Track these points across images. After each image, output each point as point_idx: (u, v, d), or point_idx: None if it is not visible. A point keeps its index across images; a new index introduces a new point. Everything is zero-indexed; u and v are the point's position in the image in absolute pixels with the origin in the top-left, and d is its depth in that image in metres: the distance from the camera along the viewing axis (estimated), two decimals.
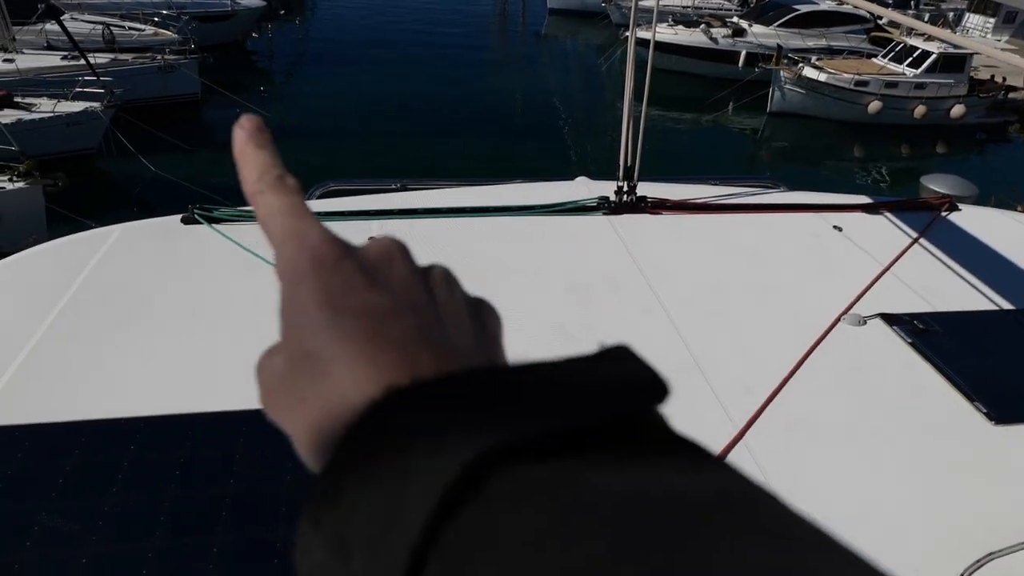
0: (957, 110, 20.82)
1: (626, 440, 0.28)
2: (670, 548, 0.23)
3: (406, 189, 3.61)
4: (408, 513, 0.26)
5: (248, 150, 0.42)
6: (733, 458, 1.91)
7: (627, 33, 3.55)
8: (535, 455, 0.27)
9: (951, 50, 20.10)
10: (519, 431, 0.27)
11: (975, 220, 3.55)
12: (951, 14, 31.69)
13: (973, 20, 31.18)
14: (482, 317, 0.41)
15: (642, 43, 3.85)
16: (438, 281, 0.40)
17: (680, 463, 0.28)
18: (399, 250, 0.40)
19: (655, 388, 0.31)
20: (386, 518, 0.26)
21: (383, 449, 0.28)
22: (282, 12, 29.67)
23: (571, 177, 3.89)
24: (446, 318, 0.38)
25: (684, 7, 28.86)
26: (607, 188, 3.44)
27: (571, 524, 0.24)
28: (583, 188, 3.57)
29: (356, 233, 2.95)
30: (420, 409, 0.30)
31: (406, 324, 0.35)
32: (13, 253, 2.86)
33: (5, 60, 15.97)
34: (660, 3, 4.53)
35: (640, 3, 3.71)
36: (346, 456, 0.29)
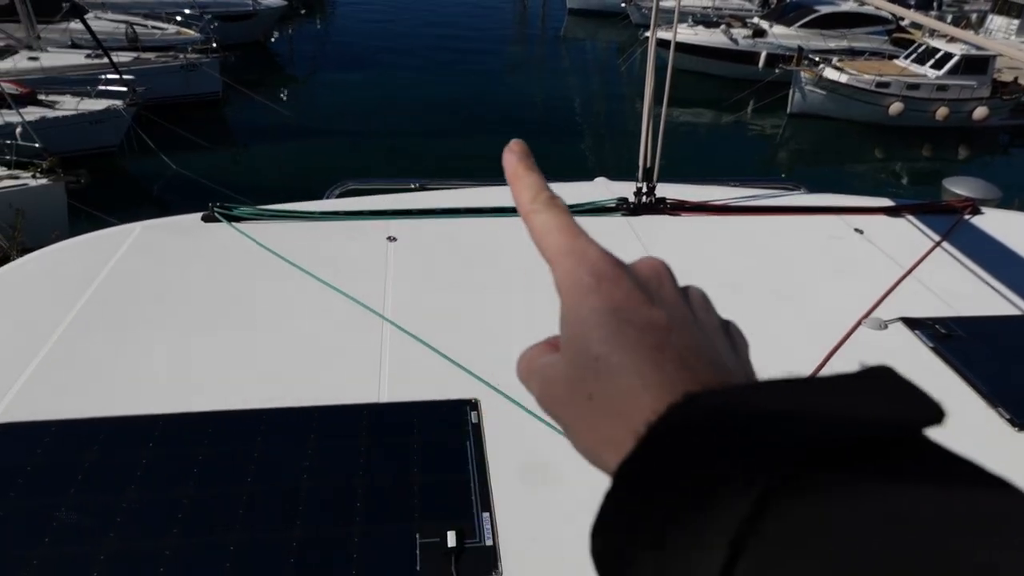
0: (980, 112, 20.61)
1: (912, 454, 0.29)
2: (987, 552, 0.24)
3: (424, 189, 3.61)
4: (723, 512, 0.27)
5: (520, 172, 0.47)
6: None
7: (647, 33, 3.53)
8: (831, 464, 0.28)
9: (974, 52, 19.90)
10: (821, 440, 0.29)
11: (998, 223, 3.51)
12: (974, 15, 31.40)
13: (996, 22, 30.85)
14: (731, 336, 0.44)
15: (662, 44, 3.84)
16: (698, 302, 0.44)
17: (965, 477, 0.29)
18: (666, 271, 0.44)
19: (929, 407, 0.32)
20: (700, 515, 0.28)
21: (687, 450, 0.30)
22: (303, 12, 29.82)
23: (590, 178, 3.88)
24: (710, 336, 0.41)
25: (704, 8, 28.75)
26: (626, 189, 3.43)
27: (877, 537, 0.25)
28: (602, 189, 3.56)
29: (374, 232, 2.96)
30: (717, 415, 0.31)
31: (684, 338, 0.38)
32: (35, 249, 2.89)
33: (30, 58, 16.15)
34: (680, 4, 4.51)
35: (660, 3, 3.70)
36: (652, 454, 0.32)
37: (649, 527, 0.30)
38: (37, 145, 11.64)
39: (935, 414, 0.31)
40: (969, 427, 2.15)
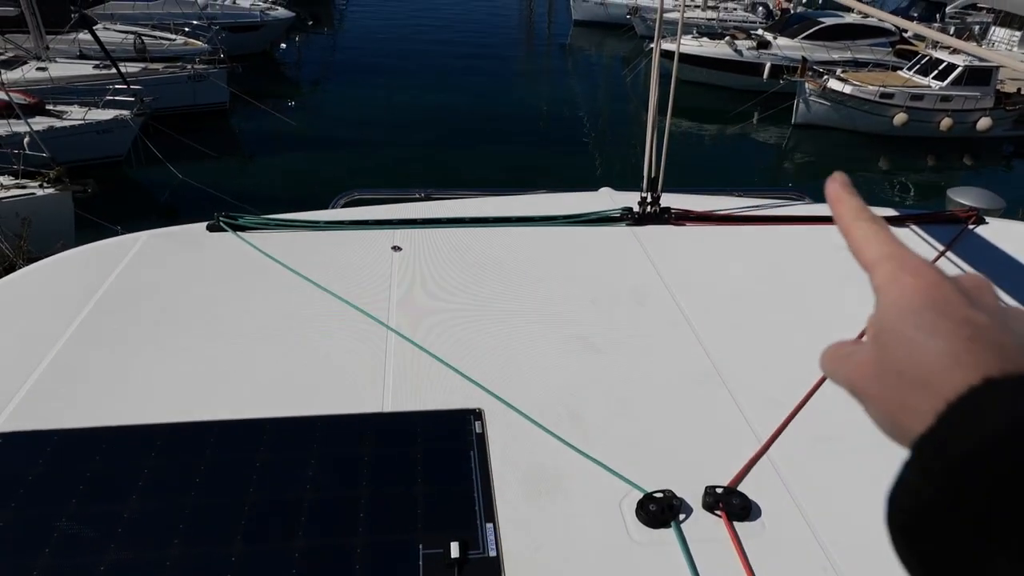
0: (983, 123, 20.62)
1: None
2: None
3: (430, 198, 3.62)
4: None
5: (844, 196, 0.54)
6: (757, 473, 1.89)
7: (652, 45, 3.54)
8: None
9: (977, 63, 19.93)
10: None
11: (1003, 233, 3.50)
12: (977, 27, 31.42)
13: (999, 33, 30.87)
14: None
15: (667, 55, 3.84)
16: (1021, 318, 0.46)
17: None
18: (987, 286, 0.48)
19: None
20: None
21: (999, 420, 0.34)
22: (310, 23, 29.94)
23: (595, 188, 3.88)
24: None
25: (709, 19, 28.83)
26: (631, 199, 3.43)
27: None
28: (607, 199, 3.56)
29: (380, 242, 2.97)
30: None
31: (1004, 337, 0.41)
32: (41, 258, 2.89)
33: (38, 68, 16.24)
34: (685, 15, 4.52)
35: (665, 15, 3.71)
36: (960, 422, 0.36)
37: (991, 518, 0.33)
38: (45, 155, 11.70)
39: None
40: None
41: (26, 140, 11.90)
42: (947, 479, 0.34)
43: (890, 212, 3.64)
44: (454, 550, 1.55)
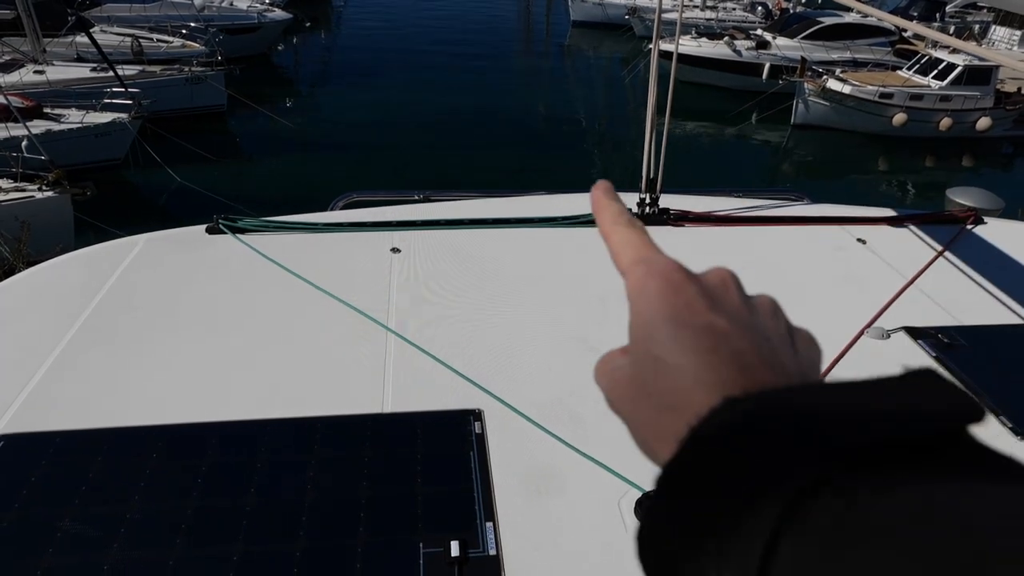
0: (983, 122, 20.63)
1: (958, 454, 0.30)
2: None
3: (429, 200, 3.62)
4: (766, 501, 0.29)
5: (604, 201, 0.52)
6: None
7: (650, 45, 3.54)
8: (876, 463, 0.29)
9: (977, 62, 19.93)
10: (861, 439, 0.30)
11: (1001, 233, 3.51)
12: (977, 27, 31.43)
13: (999, 32, 30.88)
14: (802, 344, 0.46)
15: (665, 55, 3.85)
16: (766, 308, 0.46)
17: (1012, 473, 0.30)
18: (732, 279, 0.47)
19: (971, 407, 0.33)
20: (743, 507, 0.29)
21: (735, 445, 0.32)
22: (308, 24, 29.95)
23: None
24: (773, 341, 0.42)
25: (708, 19, 28.85)
26: (629, 200, 3.44)
27: (928, 529, 0.26)
28: None
29: (379, 244, 2.97)
30: (765, 412, 0.33)
31: (743, 342, 0.40)
32: (41, 261, 2.90)
33: (36, 71, 16.24)
34: (683, 15, 4.53)
35: (663, 15, 3.71)
36: (701, 447, 0.33)
37: (688, 523, 0.31)
38: (43, 158, 11.69)
39: (975, 413, 0.33)
40: None
41: (24, 144, 11.89)
42: (678, 520, 0.32)
43: (889, 212, 3.65)
44: (454, 549, 1.56)
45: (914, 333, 2.60)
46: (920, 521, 0.26)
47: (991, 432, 2.16)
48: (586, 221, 3.31)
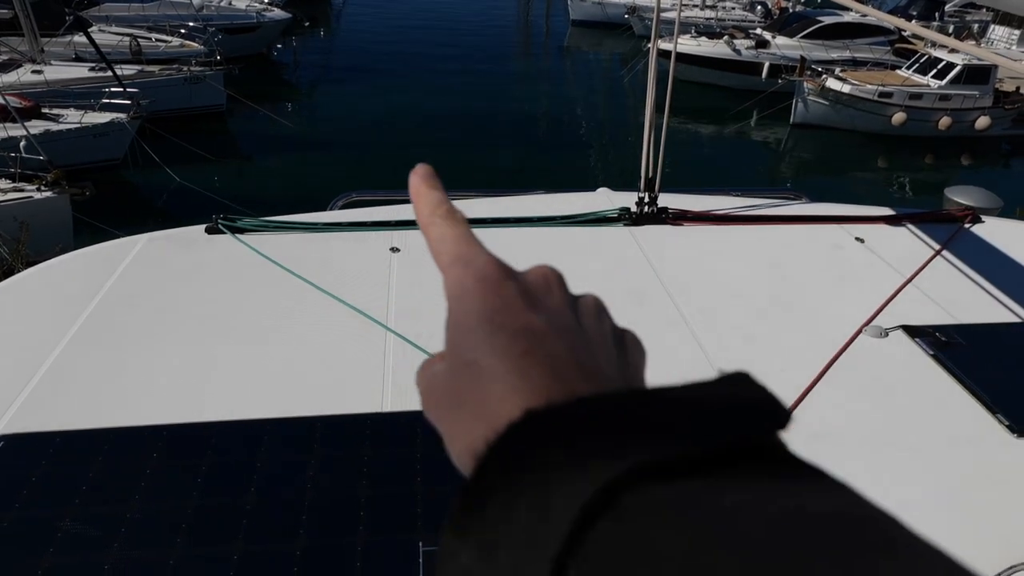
0: (982, 122, 20.63)
1: (752, 462, 0.30)
2: (796, 567, 0.24)
3: None
4: (550, 526, 0.27)
5: (422, 190, 0.49)
6: None
7: (650, 44, 3.55)
8: (667, 476, 0.28)
9: (976, 62, 19.93)
10: (654, 452, 0.29)
11: (998, 232, 3.52)
12: (976, 26, 31.43)
13: (998, 32, 30.89)
14: (626, 346, 0.44)
15: (664, 54, 3.85)
16: (589, 309, 0.44)
17: (802, 484, 0.30)
18: (555, 278, 0.45)
19: (777, 413, 0.32)
20: (529, 529, 0.28)
21: (527, 464, 0.30)
22: (307, 24, 29.93)
23: (593, 188, 3.89)
24: (594, 344, 0.40)
25: (707, 19, 28.85)
26: (628, 199, 3.44)
27: (702, 542, 0.25)
28: (604, 199, 3.57)
29: (378, 243, 2.97)
30: (564, 427, 0.31)
31: (559, 345, 0.37)
32: (40, 261, 2.90)
33: (34, 71, 16.20)
34: (682, 15, 4.53)
35: (662, 15, 3.72)
36: (493, 467, 0.31)
37: (478, 547, 0.30)
38: (42, 158, 11.67)
39: (784, 420, 0.32)
40: (969, 434, 2.16)
41: (23, 144, 11.88)
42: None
43: (887, 211, 3.66)
44: None
45: (912, 331, 2.61)
46: (695, 547, 0.25)
47: (989, 431, 2.16)
48: (586, 221, 3.31)
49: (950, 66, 20.56)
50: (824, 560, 0.24)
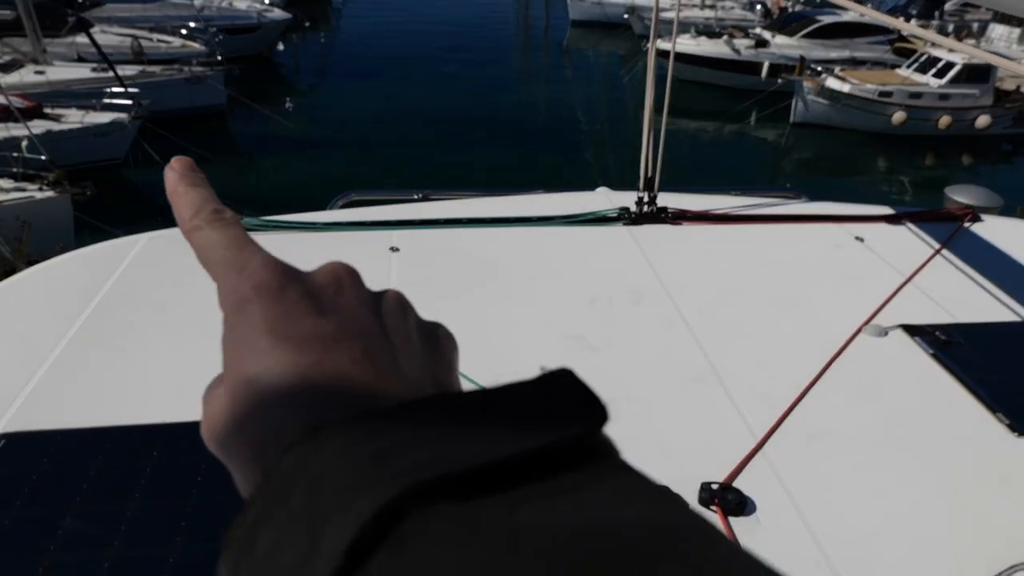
0: (982, 120, 20.60)
1: (563, 467, 0.27)
2: None
3: (428, 199, 3.64)
4: (319, 561, 0.24)
5: (180, 190, 0.42)
6: (752, 469, 1.90)
7: (649, 44, 3.55)
8: (455, 492, 0.25)
9: (975, 60, 19.91)
10: (443, 465, 0.26)
11: (999, 231, 3.52)
12: (975, 25, 31.39)
13: (998, 31, 30.82)
14: (435, 342, 0.41)
15: (663, 54, 3.86)
16: (390, 306, 0.40)
17: (613, 490, 0.27)
18: (348, 275, 0.40)
19: (594, 412, 0.30)
20: (299, 566, 0.25)
21: (299, 493, 0.27)
22: (307, 24, 29.94)
23: (592, 188, 3.90)
24: (396, 343, 0.37)
25: (707, 18, 28.83)
26: (627, 199, 3.45)
27: (491, 563, 0.23)
28: (603, 199, 3.58)
29: (378, 243, 2.98)
30: (345, 447, 0.28)
31: (353, 350, 0.34)
32: (42, 261, 2.91)
33: (36, 72, 16.22)
34: (682, 14, 4.53)
35: (662, 14, 3.72)
36: (265, 498, 0.28)
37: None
38: (44, 158, 11.70)
39: (600, 418, 0.30)
40: (969, 433, 2.16)
41: (25, 144, 11.90)
42: None
43: (887, 210, 3.66)
44: None
45: (912, 331, 2.62)
46: (483, 570, 0.23)
47: (989, 431, 2.17)
48: (585, 220, 3.32)
49: (950, 65, 20.53)
50: (620, 571, 0.22)
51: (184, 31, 21.45)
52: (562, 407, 0.30)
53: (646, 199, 3.39)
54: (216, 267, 0.38)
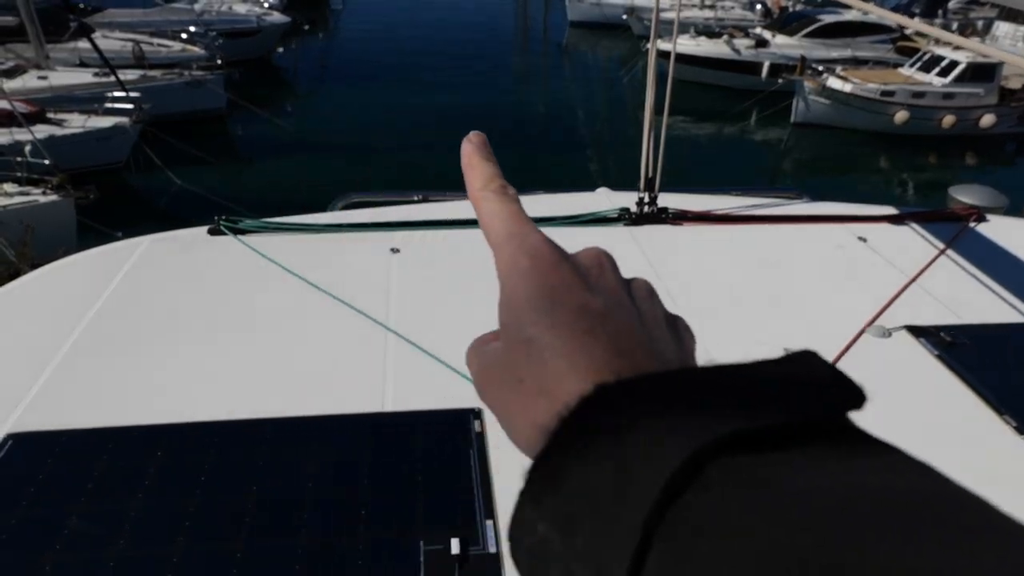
0: (987, 120, 20.49)
1: (830, 439, 0.30)
2: (874, 543, 0.23)
3: (428, 201, 3.64)
4: (635, 496, 0.27)
5: (475, 160, 0.49)
6: None
7: (649, 45, 3.55)
8: (749, 449, 0.28)
9: (980, 59, 19.84)
10: (735, 424, 0.29)
11: (1004, 231, 3.51)
12: (980, 22, 31.30)
13: (1003, 28, 30.69)
14: (678, 330, 0.44)
15: (663, 54, 3.86)
16: (641, 292, 0.44)
17: (881, 462, 0.29)
18: (608, 260, 0.44)
19: (853, 391, 0.33)
20: (613, 500, 0.28)
21: (607, 435, 0.30)
22: (306, 27, 29.96)
23: (592, 188, 3.90)
24: (650, 326, 0.40)
25: (706, 18, 28.82)
26: (628, 199, 3.45)
27: (782, 515, 0.25)
28: (604, 199, 3.58)
29: (378, 244, 2.98)
30: (637, 401, 0.31)
31: (620, 325, 0.38)
32: (45, 264, 2.92)
33: (39, 77, 16.28)
34: (682, 14, 4.53)
35: (661, 14, 3.72)
36: (568, 439, 0.31)
37: (555, 522, 0.30)
38: (47, 162, 11.73)
39: (856, 398, 0.32)
40: (975, 434, 2.16)
41: (28, 148, 11.93)
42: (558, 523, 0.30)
43: (890, 210, 3.65)
44: (455, 546, 1.57)
45: (916, 332, 2.61)
46: (791, 515, 0.25)
47: (995, 432, 2.16)
48: (585, 221, 3.32)
49: (953, 64, 20.43)
50: (897, 537, 0.24)
51: (184, 35, 21.48)
52: (820, 383, 0.33)
53: (647, 199, 3.39)
54: (495, 236, 0.43)
